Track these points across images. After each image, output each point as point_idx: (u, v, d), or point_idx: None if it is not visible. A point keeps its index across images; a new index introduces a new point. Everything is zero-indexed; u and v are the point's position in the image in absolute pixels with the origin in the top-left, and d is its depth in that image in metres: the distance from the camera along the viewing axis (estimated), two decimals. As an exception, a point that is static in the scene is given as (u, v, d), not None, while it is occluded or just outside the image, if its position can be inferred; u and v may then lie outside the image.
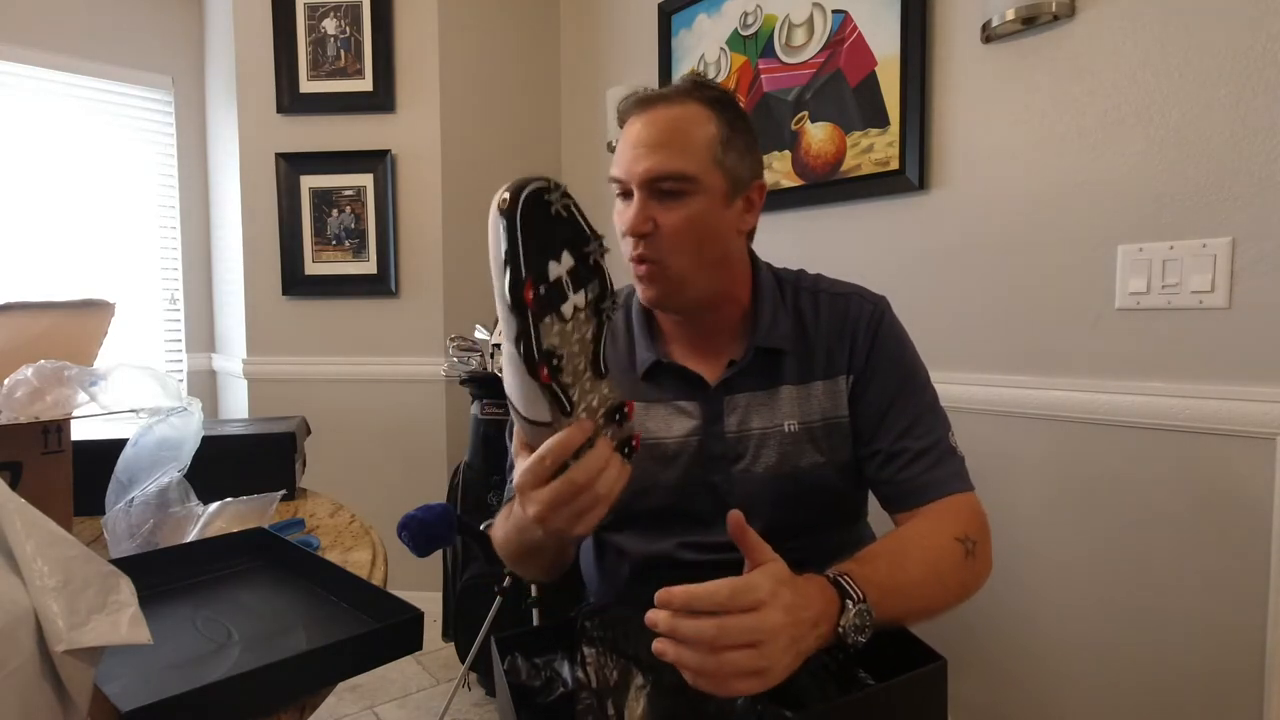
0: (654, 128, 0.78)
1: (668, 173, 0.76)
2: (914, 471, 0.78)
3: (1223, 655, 1.15)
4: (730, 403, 0.83)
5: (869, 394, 0.82)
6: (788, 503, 0.82)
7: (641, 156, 0.77)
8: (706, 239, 0.79)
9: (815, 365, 0.83)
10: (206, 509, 0.87)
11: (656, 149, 0.77)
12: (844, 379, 0.83)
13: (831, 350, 0.84)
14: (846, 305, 0.85)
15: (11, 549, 0.40)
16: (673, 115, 0.78)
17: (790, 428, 0.82)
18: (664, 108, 0.79)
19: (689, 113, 0.78)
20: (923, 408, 0.82)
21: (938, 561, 0.71)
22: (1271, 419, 1.09)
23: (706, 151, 0.78)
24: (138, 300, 2.56)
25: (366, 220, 2.29)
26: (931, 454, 0.79)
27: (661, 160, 0.76)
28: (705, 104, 0.79)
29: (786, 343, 0.84)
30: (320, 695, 0.57)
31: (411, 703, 1.90)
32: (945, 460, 0.79)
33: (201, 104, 2.65)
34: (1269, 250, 1.10)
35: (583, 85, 2.47)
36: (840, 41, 1.64)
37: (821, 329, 0.84)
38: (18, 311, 0.85)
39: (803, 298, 0.87)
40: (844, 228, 1.67)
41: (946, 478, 0.78)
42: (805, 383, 0.83)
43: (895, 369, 0.83)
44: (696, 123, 0.78)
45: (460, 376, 1.92)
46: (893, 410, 0.81)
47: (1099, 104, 1.26)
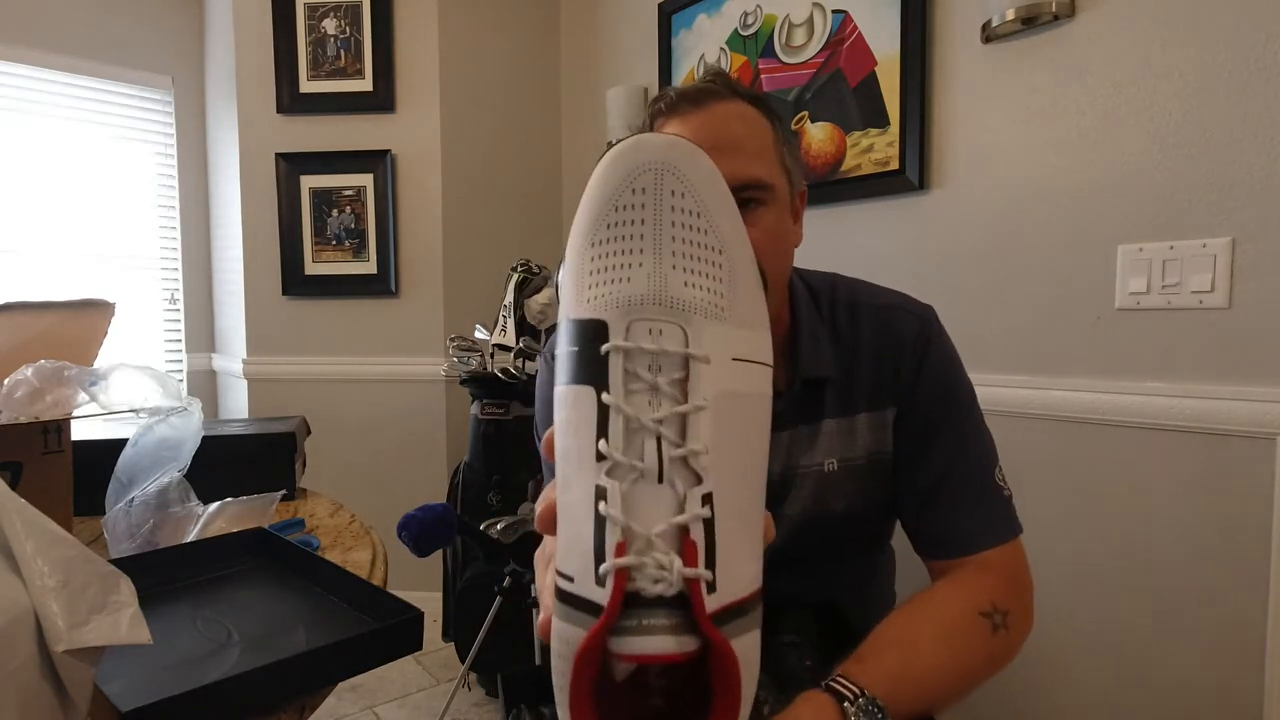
0: (716, 127, 0.66)
1: (749, 180, 0.65)
2: (949, 518, 0.71)
3: (1222, 655, 1.15)
4: (774, 442, 0.72)
5: (910, 423, 0.74)
6: (811, 544, 0.75)
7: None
8: (782, 255, 0.69)
9: (859, 395, 0.74)
10: (206, 509, 0.87)
11: (728, 153, 0.63)
12: (890, 412, 0.74)
13: (875, 375, 0.74)
14: (891, 320, 0.75)
15: (11, 549, 0.40)
16: (732, 113, 0.67)
17: (830, 467, 0.74)
18: (719, 105, 0.67)
19: (745, 111, 0.68)
20: (967, 441, 0.73)
21: (958, 643, 0.64)
22: (1271, 419, 1.09)
23: (775, 153, 0.68)
24: (138, 300, 2.56)
25: (366, 220, 2.29)
26: (970, 497, 0.71)
27: (740, 166, 0.64)
28: (750, 102, 0.69)
29: (830, 370, 0.73)
30: (320, 695, 0.57)
31: (411, 703, 1.90)
32: (985, 503, 0.71)
33: (201, 104, 2.65)
34: (1269, 250, 1.10)
35: (583, 85, 2.46)
36: (840, 41, 1.64)
37: (864, 351, 0.74)
38: (18, 311, 0.85)
39: (840, 313, 0.76)
40: (844, 228, 1.67)
41: (982, 527, 0.70)
42: (849, 415, 0.74)
43: (941, 395, 0.74)
44: (757, 122, 0.68)
45: (460, 376, 1.92)
46: (935, 444, 0.73)
47: (1099, 104, 1.26)
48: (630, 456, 0.28)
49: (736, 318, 0.32)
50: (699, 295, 0.31)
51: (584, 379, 0.30)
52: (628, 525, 0.27)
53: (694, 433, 0.29)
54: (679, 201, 0.31)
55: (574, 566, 0.28)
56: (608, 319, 0.30)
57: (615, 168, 0.32)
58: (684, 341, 0.30)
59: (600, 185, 0.32)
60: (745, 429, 0.31)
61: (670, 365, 0.30)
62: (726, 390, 0.30)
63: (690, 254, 0.31)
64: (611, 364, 0.29)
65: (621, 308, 0.30)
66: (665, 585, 0.26)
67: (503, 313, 1.85)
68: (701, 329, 0.30)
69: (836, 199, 1.67)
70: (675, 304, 0.30)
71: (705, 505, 0.28)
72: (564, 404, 0.31)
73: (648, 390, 0.29)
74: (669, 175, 0.31)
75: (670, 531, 0.27)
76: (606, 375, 0.29)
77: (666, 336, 0.30)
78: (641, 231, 0.31)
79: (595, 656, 0.27)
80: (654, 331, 0.30)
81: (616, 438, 0.29)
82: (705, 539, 0.27)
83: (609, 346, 0.30)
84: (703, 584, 0.27)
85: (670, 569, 0.26)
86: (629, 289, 0.30)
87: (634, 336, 0.30)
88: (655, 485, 0.28)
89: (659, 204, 0.31)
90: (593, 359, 0.30)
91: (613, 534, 0.27)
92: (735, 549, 0.28)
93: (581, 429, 0.30)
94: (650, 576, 0.26)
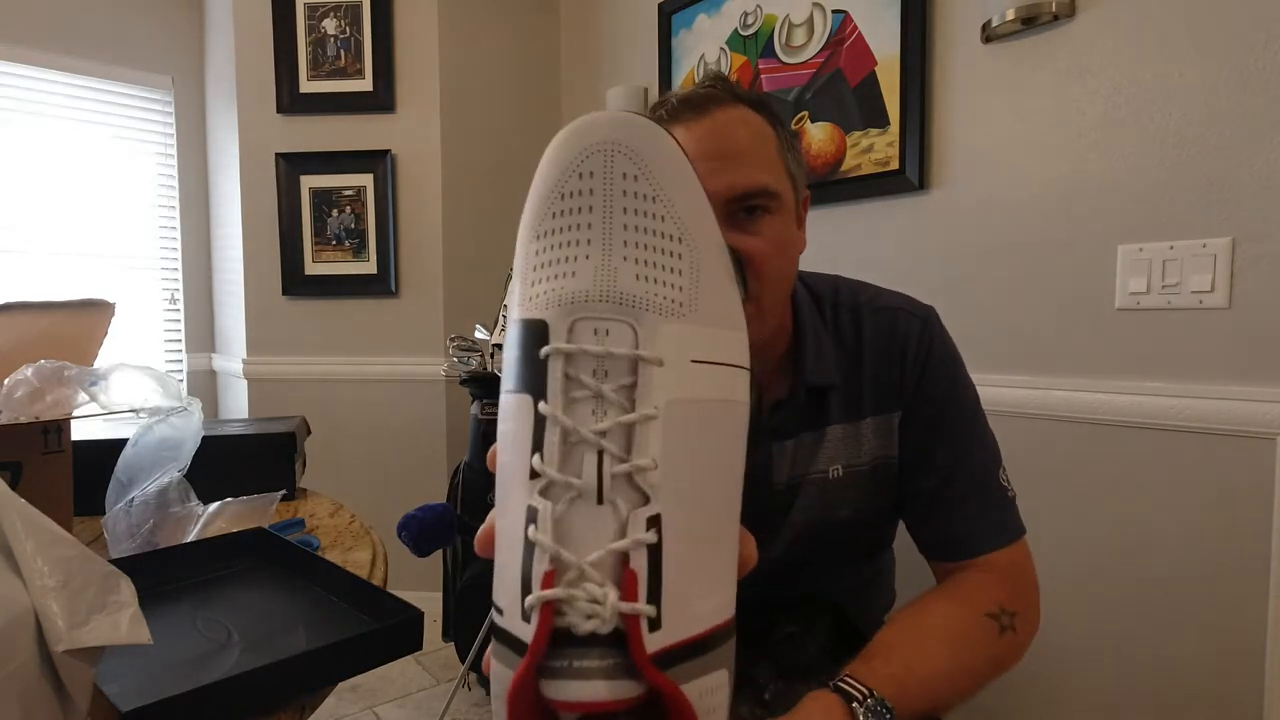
0: (720, 135, 0.65)
1: (755, 188, 0.64)
2: (954, 521, 0.71)
3: (1223, 655, 1.15)
4: (780, 451, 0.73)
5: (915, 426, 0.73)
6: (816, 550, 0.75)
7: (715, 172, 0.62)
8: (789, 263, 0.69)
9: (864, 400, 0.73)
10: (206, 509, 0.87)
11: (734, 161, 0.64)
12: (896, 416, 0.73)
13: (879, 379, 0.73)
14: (893, 323, 0.75)
15: (11, 549, 0.40)
16: (733, 119, 0.66)
17: (835, 474, 0.73)
18: (722, 112, 0.66)
19: (749, 117, 0.67)
20: (970, 443, 0.73)
21: (965, 644, 0.64)
22: (1271, 419, 1.09)
23: (779, 159, 0.68)
24: (138, 300, 2.56)
25: (366, 220, 2.29)
26: (975, 500, 0.71)
27: (746, 174, 0.64)
28: (753, 107, 0.68)
29: (834, 377, 0.73)
30: (320, 695, 0.57)
31: (411, 703, 1.90)
32: (990, 505, 0.71)
33: (201, 104, 2.65)
34: (1269, 250, 1.10)
35: (583, 85, 2.46)
36: (840, 41, 1.64)
37: (867, 355, 0.74)
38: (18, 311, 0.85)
39: (843, 317, 0.76)
40: (844, 228, 1.67)
41: (989, 529, 0.70)
42: (854, 420, 0.74)
43: (944, 398, 0.73)
44: (760, 128, 0.67)
45: (460, 376, 1.92)
46: (939, 446, 0.72)
47: (1099, 104, 1.26)
48: (567, 473, 0.25)
49: (699, 315, 0.27)
50: (653, 290, 0.27)
51: (523, 386, 0.27)
52: (557, 553, 0.24)
53: (641, 445, 0.25)
54: (631, 185, 0.27)
55: (503, 598, 0.25)
56: (548, 319, 0.27)
57: (562, 151, 0.28)
58: (634, 342, 0.26)
59: (546, 171, 0.29)
60: (708, 439, 0.27)
61: (617, 369, 0.26)
62: (683, 397, 0.26)
63: (644, 243, 0.27)
64: (551, 369, 0.26)
65: (564, 306, 0.27)
66: (598, 621, 0.23)
67: (503, 313, 1.85)
68: (655, 327, 0.26)
69: (836, 199, 1.67)
70: (625, 300, 0.26)
71: (651, 529, 0.24)
72: (505, 415, 0.28)
73: (591, 398, 0.25)
74: (620, 156, 0.27)
75: (607, 559, 0.24)
76: (545, 382, 0.26)
77: (614, 337, 0.26)
78: (589, 220, 0.27)
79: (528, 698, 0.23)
80: (600, 331, 0.26)
81: (552, 452, 0.25)
82: (649, 568, 0.24)
83: (549, 349, 0.26)
84: (643, 620, 0.23)
85: (604, 602, 0.23)
86: (573, 284, 0.27)
87: (577, 338, 0.26)
88: (594, 506, 0.25)
89: (609, 188, 0.27)
90: (532, 363, 0.26)
91: (540, 562, 0.24)
92: (689, 578, 0.25)
93: (518, 443, 0.26)
94: (582, 611, 0.23)
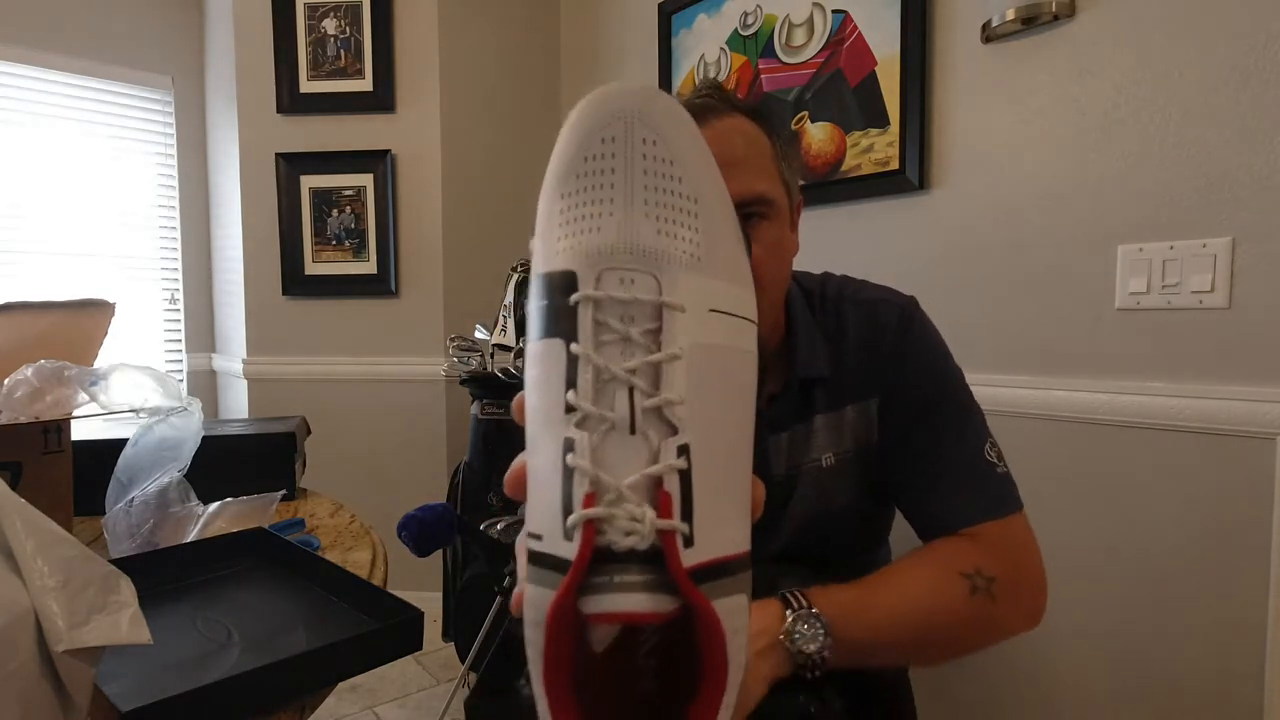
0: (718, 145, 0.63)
1: (752, 196, 0.66)
2: (937, 496, 0.71)
3: (1223, 655, 1.15)
4: (775, 443, 0.74)
5: (893, 409, 0.74)
6: (815, 542, 0.75)
7: None
8: (784, 267, 0.70)
9: (846, 389, 0.74)
10: (206, 509, 0.87)
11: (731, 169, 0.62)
12: (874, 402, 0.74)
13: (859, 368, 0.75)
14: (873, 314, 0.76)
15: (11, 549, 0.40)
16: (731, 129, 0.67)
17: (827, 462, 0.74)
18: (719, 121, 0.67)
19: (745, 126, 0.68)
20: (950, 420, 0.72)
21: (926, 592, 0.63)
22: (1271, 419, 1.09)
23: (774, 168, 0.69)
24: (138, 300, 2.56)
25: (366, 220, 2.29)
26: (958, 474, 0.70)
27: (743, 182, 0.65)
28: (749, 115, 0.70)
29: (824, 369, 0.74)
30: (320, 695, 0.57)
31: (411, 703, 1.90)
32: (975, 479, 0.70)
33: (201, 104, 2.65)
34: (1269, 250, 1.10)
35: (583, 85, 2.46)
36: (840, 41, 1.64)
37: (849, 345, 0.75)
38: (18, 311, 0.85)
39: (829, 310, 0.78)
40: (844, 228, 1.67)
41: (972, 502, 0.69)
42: (836, 409, 0.75)
43: (921, 380, 0.74)
44: (756, 137, 0.69)
45: (460, 376, 1.92)
46: (919, 428, 0.72)
47: (1099, 104, 1.26)
48: (601, 407, 0.27)
49: (714, 269, 0.30)
50: (673, 244, 0.29)
51: (553, 332, 0.28)
52: (597, 476, 0.25)
53: (668, 382, 0.27)
54: (650, 150, 0.29)
55: (542, 524, 0.27)
56: (577, 269, 0.28)
57: (585, 117, 0.30)
58: (657, 290, 0.28)
59: (570, 135, 0.30)
60: (725, 382, 0.29)
61: (643, 315, 0.28)
62: (704, 342, 0.28)
63: (663, 202, 0.29)
64: (581, 314, 0.28)
65: (591, 257, 0.28)
66: (637, 538, 0.25)
67: (503, 313, 1.85)
68: (676, 278, 0.28)
69: (836, 199, 1.67)
70: (648, 252, 0.28)
71: (681, 456, 0.26)
72: (533, 361, 0.29)
73: (620, 341, 0.27)
74: (639, 123, 0.29)
75: (643, 482, 0.26)
76: (576, 326, 0.28)
77: (639, 285, 0.28)
78: (612, 180, 0.29)
79: (567, 617, 0.25)
80: (625, 280, 0.28)
81: (586, 388, 0.27)
82: (681, 491, 0.26)
83: (578, 296, 0.28)
84: (678, 537, 0.25)
85: (643, 520, 0.25)
86: (599, 239, 0.28)
87: (605, 285, 0.28)
88: (628, 436, 0.26)
89: (629, 152, 0.29)
90: (562, 310, 0.28)
91: (580, 485, 0.25)
92: (715, 506, 0.27)
93: (550, 383, 0.28)
94: (621, 529, 0.25)
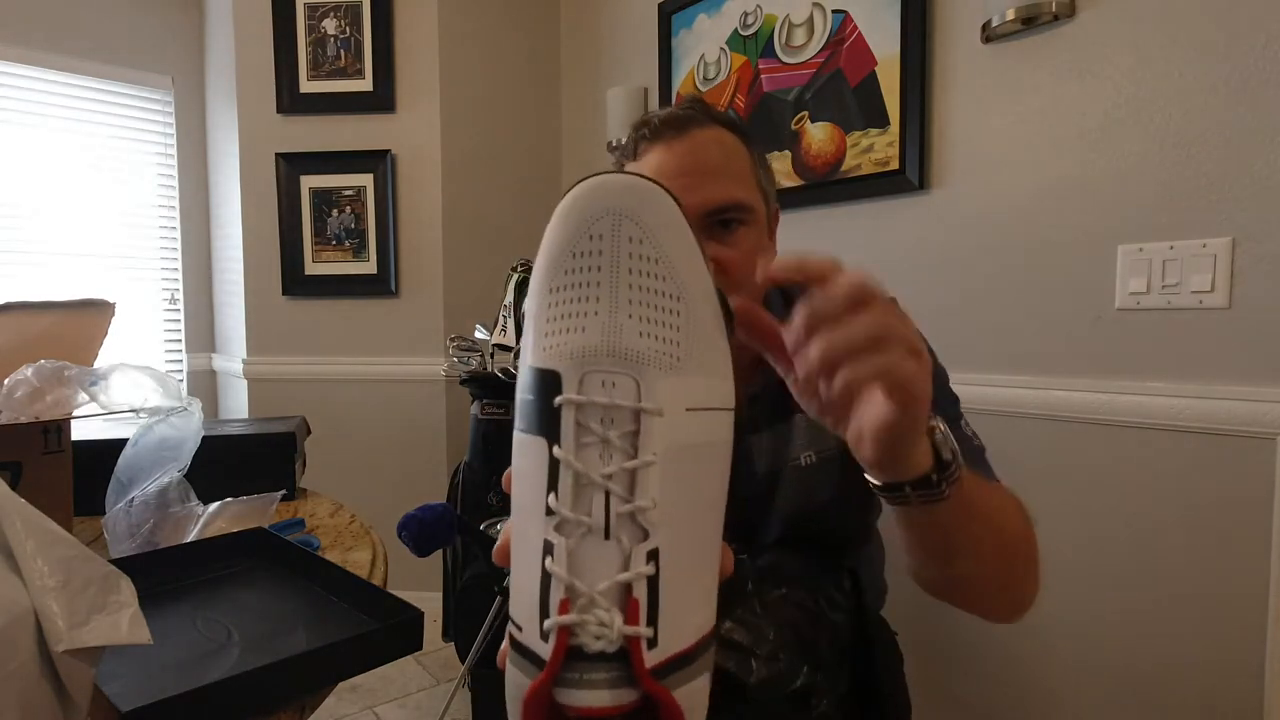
0: (698, 154, 0.70)
1: (730, 202, 0.69)
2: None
3: (1223, 655, 1.15)
4: (756, 443, 0.76)
5: None
6: (802, 537, 0.76)
7: (693, 187, 0.67)
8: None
9: None
10: (206, 509, 0.87)
11: (710, 177, 0.69)
12: None
13: None
14: None
15: (11, 549, 0.40)
16: (710, 139, 0.71)
17: (807, 460, 0.76)
18: (700, 132, 0.71)
19: (724, 138, 0.72)
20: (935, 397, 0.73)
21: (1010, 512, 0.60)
22: (1271, 419, 1.09)
23: (752, 177, 0.72)
24: (138, 300, 2.56)
25: (366, 220, 2.29)
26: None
27: (721, 189, 0.69)
28: (728, 128, 0.73)
29: None
30: (320, 695, 0.57)
31: (411, 703, 1.90)
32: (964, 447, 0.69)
33: (201, 104, 2.65)
34: (1269, 250, 1.10)
35: (583, 85, 2.46)
36: (840, 41, 1.64)
37: None
38: (18, 311, 0.85)
39: None
40: (844, 228, 1.67)
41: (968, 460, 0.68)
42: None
43: None
44: (735, 148, 0.72)
45: (460, 376, 1.92)
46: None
47: (1099, 104, 1.26)
48: (578, 512, 0.29)
49: (693, 366, 0.31)
50: (654, 345, 0.30)
51: (538, 429, 0.30)
52: (571, 583, 0.28)
53: (643, 488, 0.29)
54: (636, 248, 0.31)
55: (522, 617, 0.29)
56: (562, 370, 0.30)
57: (574, 212, 0.31)
58: (636, 395, 0.29)
59: (559, 229, 0.32)
60: (698, 479, 0.31)
61: (622, 418, 0.29)
62: (679, 443, 0.30)
63: (647, 301, 0.31)
64: (564, 417, 0.29)
65: (576, 358, 0.30)
66: (606, 642, 0.27)
67: (503, 313, 1.85)
68: (655, 381, 0.30)
69: (836, 199, 1.67)
70: (629, 355, 0.30)
71: (650, 562, 0.28)
72: (520, 451, 0.31)
73: (599, 444, 0.29)
74: (627, 221, 0.31)
75: (613, 589, 0.28)
76: (559, 428, 0.29)
77: (619, 389, 0.29)
78: (598, 279, 0.31)
79: (542, 705, 0.28)
80: (607, 384, 0.30)
81: (565, 493, 0.29)
82: (648, 596, 0.28)
83: (562, 399, 0.29)
84: (643, 641, 0.27)
85: (611, 626, 0.27)
86: (584, 339, 0.30)
87: (587, 389, 0.30)
88: (602, 541, 0.29)
89: (616, 250, 0.31)
90: (546, 410, 0.30)
91: (556, 591, 0.28)
92: (682, 601, 0.29)
93: (534, 481, 0.30)
94: (592, 633, 0.27)
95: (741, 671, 0.72)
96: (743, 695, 0.72)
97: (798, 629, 0.75)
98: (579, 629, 0.27)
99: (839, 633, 0.76)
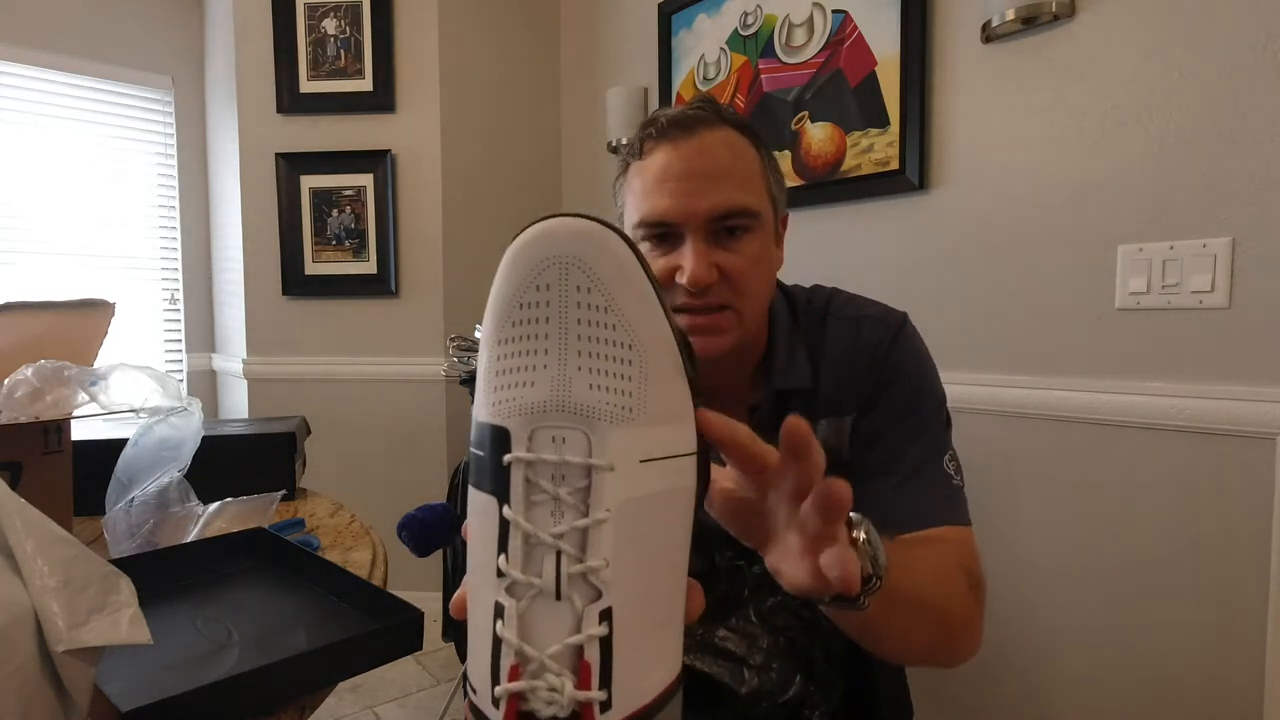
0: (706, 156, 0.67)
1: (738, 208, 0.66)
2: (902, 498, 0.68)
3: (1222, 656, 1.15)
4: None
5: (866, 425, 0.72)
6: None
7: (700, 191, 0.65)
8: (764, 280, 0.70)
9: (822, 403, 0.73)
10: (206, 509, 0.87)
11: (717, 181, 0.66)
12: (848, 419, 0.73)
13: (839, 384, 0.73)
14: (856, 332, 0.74)
15: (11, 549, 0.40)
16: (719, 141, 0.67)
17: None
18: (709, 133, 0.67)
19: (734, 140, 0.68)
20: (918, 433, 0.71)
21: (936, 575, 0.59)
22: (1271, 419, 1.09)
23: (761, 181, 0.69)
24: (138, 300, 2.56)
25: (366, 220, 2.29)
26: (917, 479, 0.68)
27: (729, 194, 0.66)
28: (738, 130, 0.69)
29: (803, 381, 0.73)
30: (320, 695, 0.57)
31: (411, 703, 1.90)
32: (935, 487, 0.68)
33: (201, 104, 2.65)
34: (1269, 250, 1.10)
35: (583, 86, 2.46)
36: (840, 41, 1.64)
37: (830, 360, 0.74)
38: (18, 311, 0.85)
39: (812, 323, 0.77)
40: (844, 228, 1.67)
41: (935, 506, 0.67)
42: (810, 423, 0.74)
43: (899, 399, 0.72)
44: (745, 151, 0.69)
45: (460, 376, 1.92)
46: (885, 437, 0.71)
47: (1099, 104, 1.26)
48: (529, 574, 0.28)
49: (647, 416, 0.30)
50: (605, 398, 0.29)
51: (489, 488, 0.30)
52: (521, 648, 0.27)
53: (594, 547, 0.28)
54: (585, 297, 0.29)
55: (476, 680, 0.29)
56: (510, 427, 0.29)
57: (520, 260, 0.30)
58: (587, 450, 0.29)
59: (506, 279, 0.31)
60: (655, 531, 0.30)
61: (573, 474, 0.29)
62: (633, 496, 0.29)
63: (597, 353, 0.29)
64: (514, 475, 0.29)
65: (525, 415, 0.29)
66: (557, 708, 0.27)
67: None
68: (606, 434, 0.29)
69: (836, 199, 1.67)
70: (579, 409, 0.29)
71: (603, 622, 0.27)
72: (473, 509, 0.31)
73: (550, 500, 0.28)
74: (574, 269, 0.29)
75: (564, 652, 0.27)
76: (509, 487, 0.29)
77: (569, 445, 0.29)
78: (546, 330, 0.30)
79: None
80: (557, 440, 0.29)
81: (516, 555, 0.28)
82: (601, 658, 0.27)
83: (511, 458, 0.29)
84: (595, 706, 0.27)
85: (562, 691, 0.27)
86: (532, 394, 0.29)
87: (536, 446, 0.29)
88: (553, 602, 0.28)
89: (564, 300, 0.29)
90: (496, 468, 0.29)
91: (507, 656, 0.27)
92: (638, 658, 0.28)
93: (485, 540, 0.29)
94: (543, 699, 0.27)
95: (734, 681, 0.72)
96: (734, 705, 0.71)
97: (792, 637, 0.74)
98: (530, 694, 0.27)
99: (834, 641, 0.75)
